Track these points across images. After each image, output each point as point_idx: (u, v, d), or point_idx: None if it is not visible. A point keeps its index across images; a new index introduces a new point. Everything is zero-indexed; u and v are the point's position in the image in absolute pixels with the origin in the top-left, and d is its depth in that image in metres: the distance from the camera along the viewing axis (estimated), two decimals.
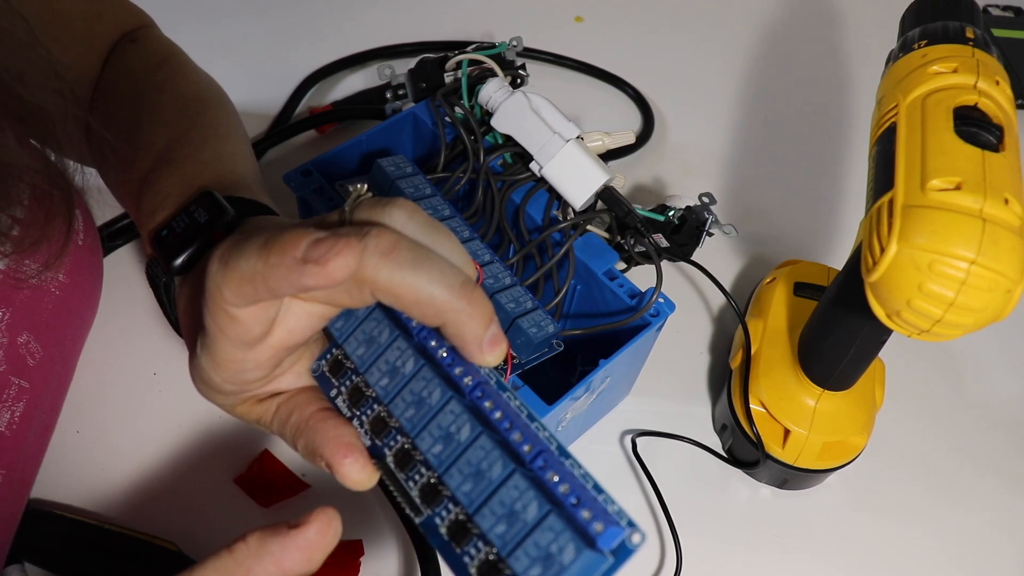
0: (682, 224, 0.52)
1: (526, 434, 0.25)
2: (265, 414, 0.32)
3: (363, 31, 0.73)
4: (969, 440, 0.54)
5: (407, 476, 0.28)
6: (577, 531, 0.23)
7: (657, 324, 0.45)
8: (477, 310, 0.26)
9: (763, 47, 0.79)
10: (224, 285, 0.26)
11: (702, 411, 0.53)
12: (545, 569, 0.23)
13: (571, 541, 0.23)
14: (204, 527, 0.45)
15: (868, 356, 0.44)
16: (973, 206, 0.32)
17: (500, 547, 0.24)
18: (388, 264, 0.25)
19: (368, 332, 0.29)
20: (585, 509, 0.24)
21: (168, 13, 0.51)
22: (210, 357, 0.29)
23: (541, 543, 0.23)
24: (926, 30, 0.40)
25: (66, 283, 0.43)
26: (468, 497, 0.26)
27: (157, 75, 0.45)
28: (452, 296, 0.26)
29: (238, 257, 0.26)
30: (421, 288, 0.25)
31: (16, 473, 0.40)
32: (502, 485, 0.25)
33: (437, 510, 0.27)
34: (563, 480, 0.24)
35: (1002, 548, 0.49)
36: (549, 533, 0.23)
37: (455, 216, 0.46)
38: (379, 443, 0.29)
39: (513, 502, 0.24)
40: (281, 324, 0.28)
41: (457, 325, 0.26)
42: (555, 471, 0.24)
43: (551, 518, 0.24)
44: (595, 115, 0.70)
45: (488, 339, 0.26)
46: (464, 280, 0.26)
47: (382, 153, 0.51)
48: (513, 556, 0.24)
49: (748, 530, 0.49)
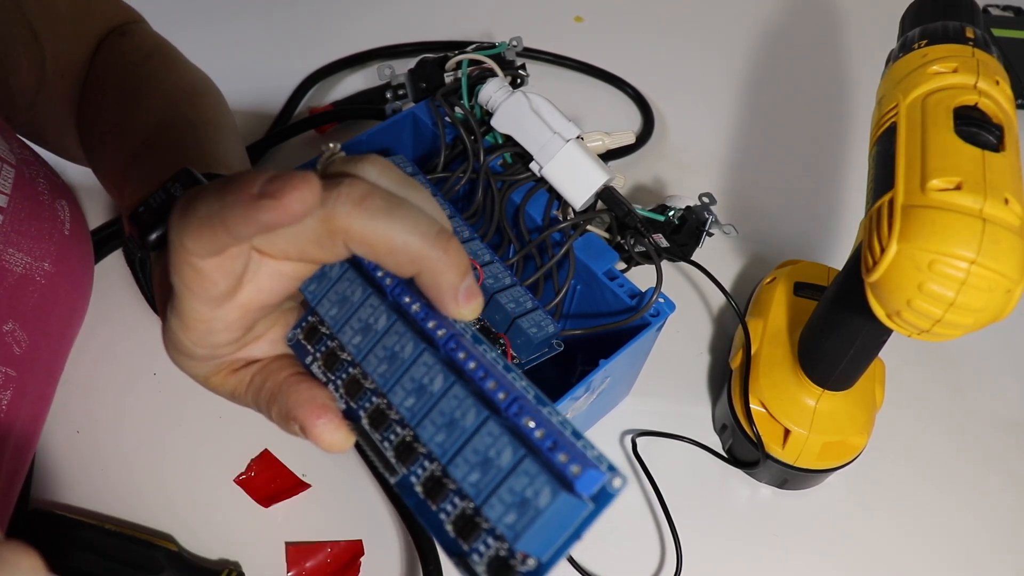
0: (682, 224, 0.52)
1: (501, 382, 0.24)
2: (240, 384, 0.31)
3: (363, 31, 0.73)
4: (969, 440, 0.54)
5: (382, 436, 0.27)
6: (553, 474, 0.22)
7: (657, 324, 0.45)
8: (453, 259, 0.25)
9: (763, 47, 0.79)
10: (184, 233, 0.25)
11: (702, 411, 0.53)
12: (520, 515, 0.22)
13: (547, 484, 0.22)
14: (204, 527, 0.45)
15: (868, 356, 0.44)
16: (973, 206, 0.32)
17: (474, 496, 0.23)
18: (361, 212, 0.25)
19: (341, 292, 0.28)
20: (562, 453, 0.22)
21: (169, 14, 0.51)
22: (179, 318, 0.28)
23: (516, 488, 0.22)
24: (926, 30, 0.40)
25: (52, 272, 0.43)
26: (441, 448, 0.24)
27: (146, 66, 0.45)
28: (427, 244, 0.25)
29: (196, 202, 0.25)
30: (395, 236, 0.25)
31: (5, 463, 0.40)
32: (476, 433, 0.24)
33: (413, 468, 0.26)
34: (539, 426, 0.23)
35: (1002, 548, 0.49)
36: (524, 478, 0.22)
37: (455, 216, 0.46)
38: (354, 406, 0.28)
39: (487, 449, 0.23)
40: (250, 283, 0.28)
41: (432, 274, 0.25)
42: (531, 417, 0.23)
43: (526, 462, 0.22)
44: (595, 115, 0.70)
45: (464, 290, 0.26)
46: (440, 229, 0.26)
47: (382, 153, 0.51)
48: (487, 504, 0.23)
49: (748, 530, 0.49)
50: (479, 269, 0.42)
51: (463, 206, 0.51)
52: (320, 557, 0.44)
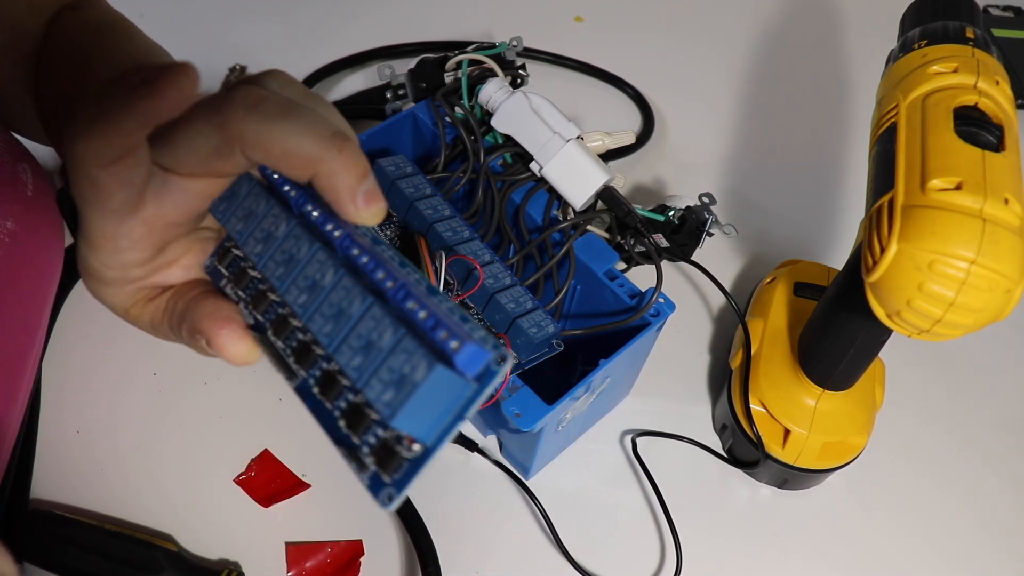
0: (682, 224, 0.52)
1: (390, 271, 0.24)
2: (157, 312, 0.31)
3: (363, 31, 0.73)
4: (969, 440, 0.54)
5: (285, 345, 0.27)
6: (433, 351, 0.22)
7: (657, 324, 0.45)
8: (349, 159, 0.25)
9: (763, 47, 0.79)
10: (76, 139, 0.25)
11: (702, 411, 0.53)
12: (398, 391, 0.22)
13: (424, 359, 0.21)
14: (204, 527, 0.45)
15: (868, 356, 0.44)
16: (973, 206, 0.32)
17: (356, 379, 0.23)
18: (255, 116, 0.25)
19: (248, 207, 0.29)
20: (443, 331, 0.22)
21: (168, 14, 0.51)
22: (84, 238, 0.28)
23: (395, 367, 0.22)
24: (926, 30, 0.40)
25: (16, 230, 0.43)
26: (329, 338, 0.24)
27: (96, 37, 0.44)
28: (321, 144, 0.25)
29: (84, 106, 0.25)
30: (289, 138, 0.25)
31: None
32: (361, 319, 0.24)
33: (312, 371, 0.26)
34: (422, 308, 0.22)
35: (1002, 548, 0.49)
36: (402, 355, 0.22)
37: (455, 216, 0.46)
38: (261, 319, 0.28)
39: (370, 332, 0.23)
40: (154, 199, 0.28)
41: (328, 176, 0.25)
42: (415, 301, 0.23)
43: (406, 340, 0.22)
44: (595, 115, 0.70)
45: (363, 191, 0.26)
46: (336, 131, 0.25)
47: (382, 153, 0.51)
48: (368, 386, 0.23)
49: (748, 530, 0.49)
50: (479, 269, 0.42)
51: (463, 206, 0.51)
52: (320, 557, 0.44)
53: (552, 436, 0.45)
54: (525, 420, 0.40)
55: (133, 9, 0.50)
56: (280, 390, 0.50)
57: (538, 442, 0.44)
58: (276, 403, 0.50)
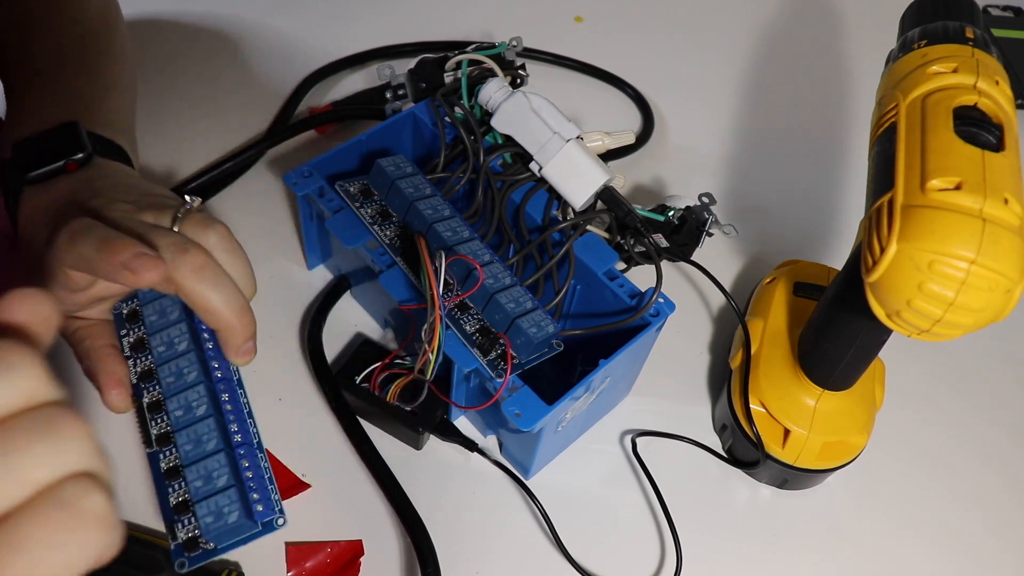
0: (682, 224, 0.52)
1: (241, 428, 0.37)
2: (66, 328, 0.39)
3: (363, 31, 0.73)
4: (969, 440, 0.54)
5: (152, 418, 0.37)
6: (245, 504, 0.35)
7: (657, 324, 0.45)
8: (245, 329, 0.36)
9: (763, 47, 0.79)
10: (66, 254, 0.34)
11: (702, 411, 0.53)
12: (216, 519, 0.34)
13: (238, 509, 0.34)
14: None
15: (868, 356, 0.44)
16: (973, 206, 0.32)
17: (194, 494, 0.35)
18: (194, 279, 0.34)
19: (164, 306, 0.38)
20: (256, 492, 0.35)
21: (168, 14, 0.51)
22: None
23: (220, 504, 0.34)
24: (926, 30, 0.40)
25: None
26: (187, 455, 0.35)
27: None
28: (231, 315, 0.35)
29: (81, 242, 0.33)
30: (211, 303, 0.34)
31: None
32: (210, 456, 0.35)
33: (164, 450, 0.36)
34: (250, 468, 0.36)
35: (1002, 548, 0.49)
36: (226, 499, 0.35)
37: (455, 216, 0.46)
38: (142, 385, 0.37)
39: (213, 471, 0.35)
40: (102, 282, 0.36)
41: (227, 333, 0.36)
42: (248, 460, 0.36)
43: (231, 491, 0.35)
44: (595, 115, 0.70)
45: (244, 348, 0.36)
46: (243, 306, 0.35)
47: (382, 153, 0.51)
48: (201, 504, 0.35)
49: (748, 530, 0.49)
50: (479, 269, 0.42)
51: (463, 206, 0.51)
52: (320, 557, 0.44)
53: (552, 436, 0.45)
54: (525, 420, 0.40)
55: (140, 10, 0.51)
56: (280, 390, 0.50)
57: (538, 442, 0.44)
58: (276, 403, 0.50)
